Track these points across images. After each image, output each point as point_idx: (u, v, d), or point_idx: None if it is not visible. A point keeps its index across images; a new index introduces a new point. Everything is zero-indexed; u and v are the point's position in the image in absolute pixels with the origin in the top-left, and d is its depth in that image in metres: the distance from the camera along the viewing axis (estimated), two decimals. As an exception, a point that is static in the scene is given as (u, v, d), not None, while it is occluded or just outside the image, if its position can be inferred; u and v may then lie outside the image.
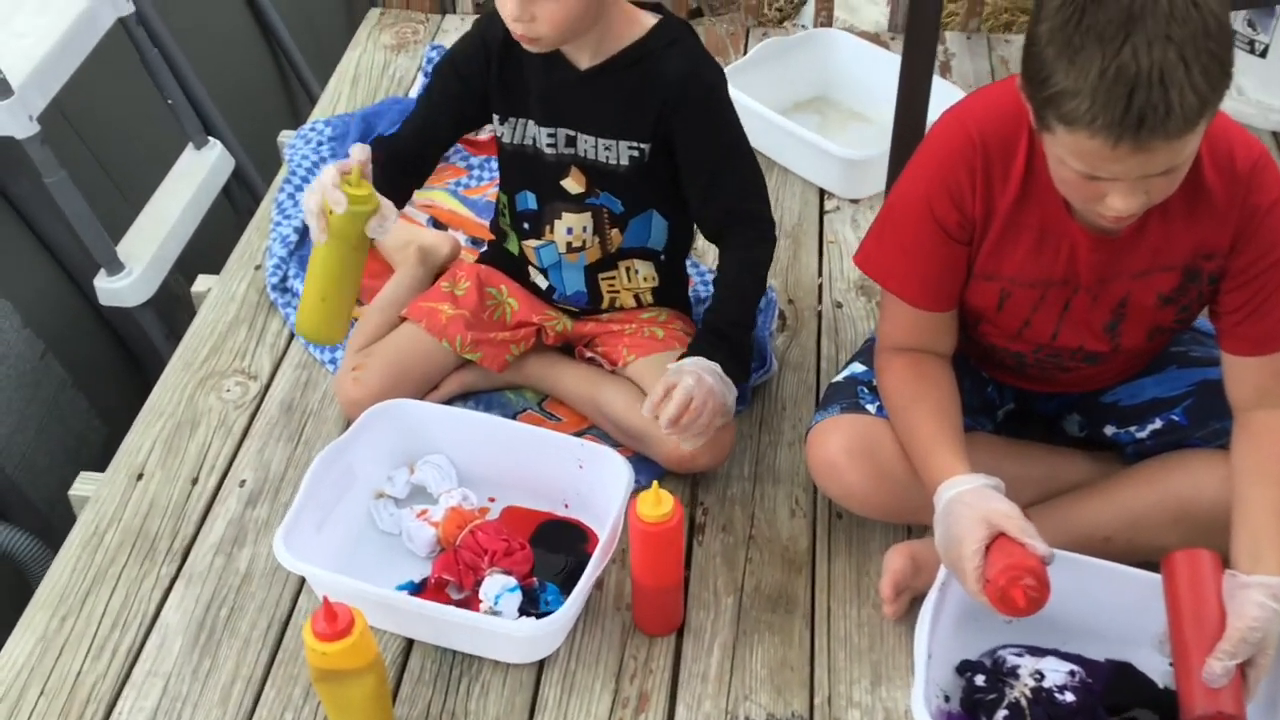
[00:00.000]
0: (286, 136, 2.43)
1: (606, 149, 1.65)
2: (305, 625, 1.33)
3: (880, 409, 1.57)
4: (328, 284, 1.55)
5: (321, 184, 1.48)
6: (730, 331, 1.63)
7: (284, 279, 2.07)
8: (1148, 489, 1.54)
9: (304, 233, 2.15)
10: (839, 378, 1.67)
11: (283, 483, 1.78)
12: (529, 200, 1.74)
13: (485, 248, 1.93)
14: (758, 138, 2.36)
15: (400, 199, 1.62)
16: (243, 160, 2.56)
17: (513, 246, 1.82)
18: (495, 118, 1.70)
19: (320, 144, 2.32)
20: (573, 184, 1.70)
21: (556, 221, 1.73)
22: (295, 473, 1.78)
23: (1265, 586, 1.31)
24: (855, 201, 2.27)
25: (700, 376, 1.55)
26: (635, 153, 1.65)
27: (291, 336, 2.01)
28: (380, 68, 2.63)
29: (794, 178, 2.32)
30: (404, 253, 2.01)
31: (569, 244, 1.75)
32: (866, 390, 1.60)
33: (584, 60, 1.61)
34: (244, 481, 1.78)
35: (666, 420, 1.53)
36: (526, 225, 1.76)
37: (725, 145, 1.65)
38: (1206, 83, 1.17)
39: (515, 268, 1.84)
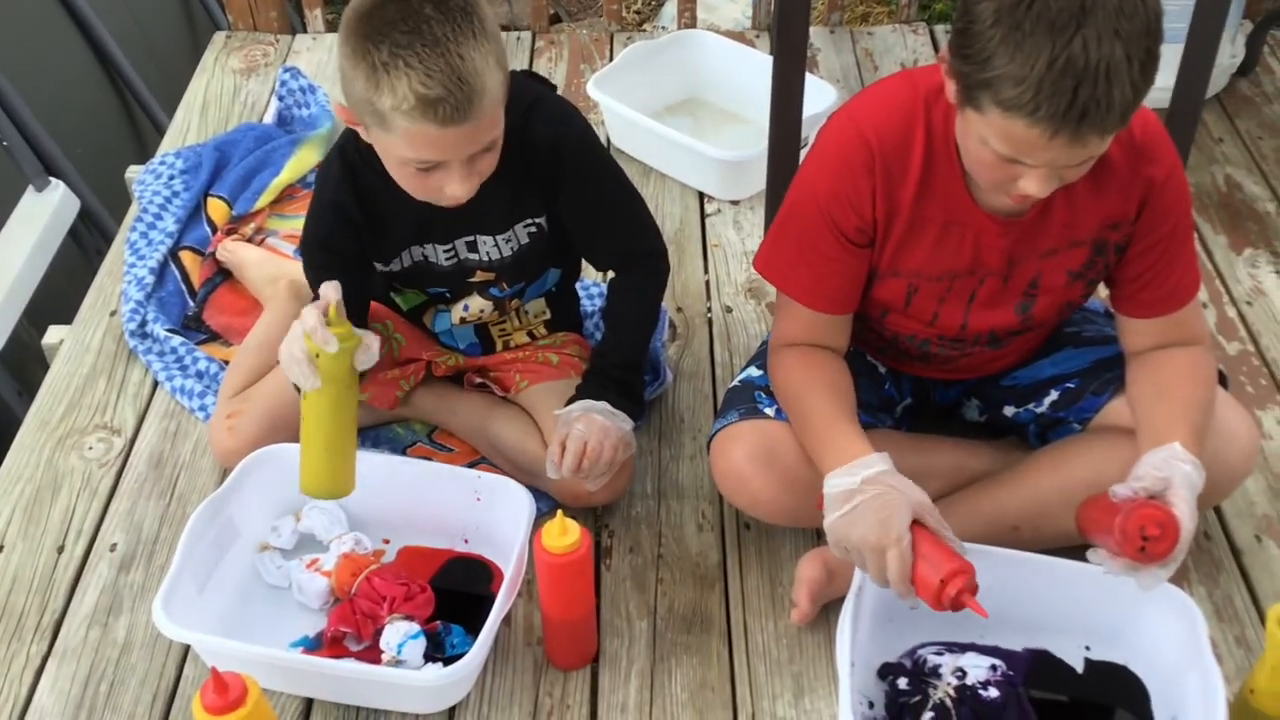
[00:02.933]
0: (135, 172, 2.30)
1: (507, 241, 1.60)
2: (194, 700, 1.23)
3: (779, 412, 1.54)
4: (331, 433, 1.43)
5: (304, 328, 1.37)
6: (618, 374, 1.60)
7: (142, 323, 1.94)
8: (1052, 475, 1.54)
9: (160, 273, 2.03)
10: (735, 383, 1.64)
11: (157, 543, 1.66)
12: (439, 291, 1.68)
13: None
14: (632, 144, 2.34)
15: None
16: (89, 200, 2.41)
17: (403, 302, 1.74)
18: (378, 263, 1.61)
19: (171, 178, 2.20)
20: (478, 278, 1.64)
21: (465, 299, 1.68)
22: (170, 531, 1.67)
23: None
24: (736, 203, 2.24)
25: (589, 418, 1.52)
26: (533, 228, 1.60)
27: (155, 385, 1.89)
28: (230, 93, 2.51)
29: (672, 182, 2.28)
30: (274, 288, 1.91)
31: (463, 318, 1.70)
32: (763, 394, 1.57)
33: None
34: (115, 545, 1.66)
35: (569, 471, 1.50)
36: (448, 295, 1.69)
37: (604, 190, 1.60)
38: (1144, 78, 1.17)
39: (400, 310, 1.76)
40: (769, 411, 1.54)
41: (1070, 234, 1.43)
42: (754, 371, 1.62)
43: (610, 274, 1.70)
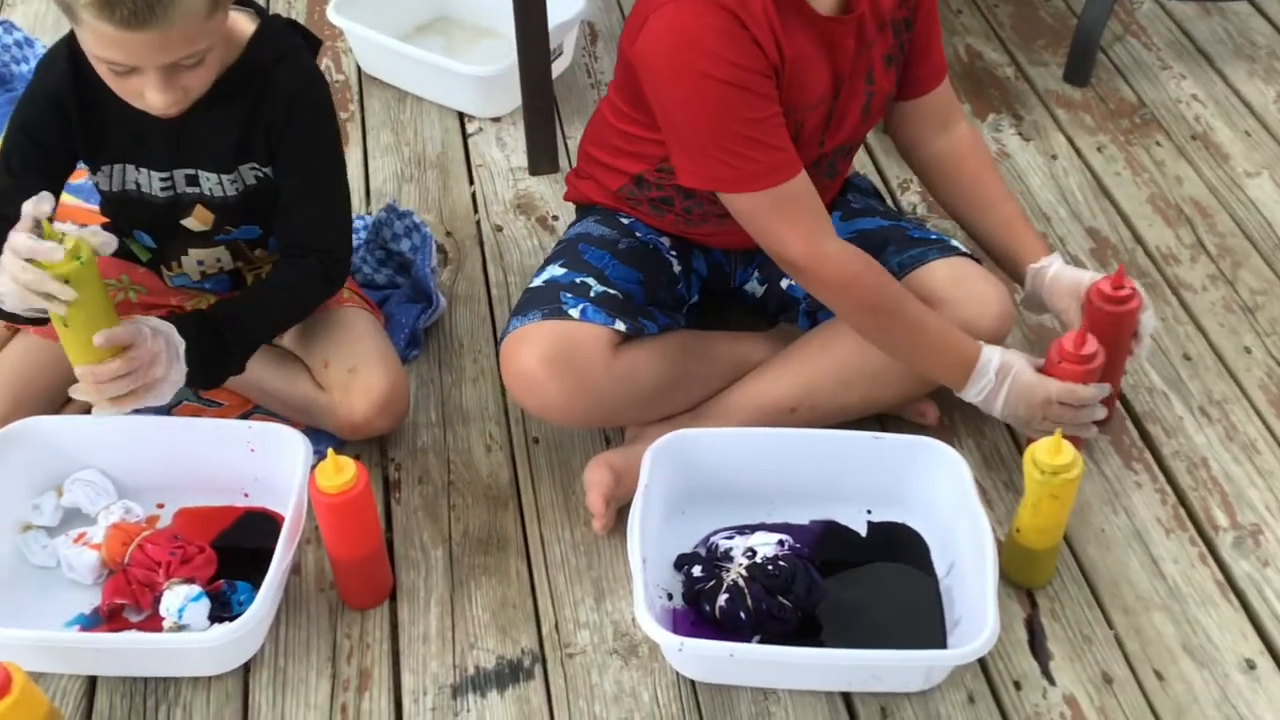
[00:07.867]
0: None
1: (233, 181, 1.51)
2: (-48, 698, 1.16)
3: (584, 311, 1.50)
4: (99, 324, 1.33)
5: (23, 249, 1.25)
6: (227, 336, 1.46)
7: None
8: (821, 355, 1.58)
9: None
10: (537, 282, 1.58)
11: (-93, 540, 1.55)
12: (145, 239, 1.58)
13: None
14: (383, 69, 2.26)
15: None
16: None
17: (140, 254, 1.64)
18: (87, 167, 1.51)
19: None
20: (196, 223, 1.55)
21: (183, 257, 1.59)
22: (-80, 526, 1.56)
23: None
24: (497, 120, 2.19)
25: (164, 335, 1.39)
26: (260, 175, 1.52)
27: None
28: (-59, 55, 2.31)
29: (429, 105, 2.22)
30: None
31: (203, 272, 1.61)
32: (568, 294, 1.52)
33: None
34: None
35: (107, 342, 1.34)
36: (150, 258, 1.60)
37: (316, 168, 1.53)
38: None
39: (142, 262, 1.66)
40: (573, 312, 1.50)
41: (877, 17, 1.48)
42: (557, 270, 1.57)
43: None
